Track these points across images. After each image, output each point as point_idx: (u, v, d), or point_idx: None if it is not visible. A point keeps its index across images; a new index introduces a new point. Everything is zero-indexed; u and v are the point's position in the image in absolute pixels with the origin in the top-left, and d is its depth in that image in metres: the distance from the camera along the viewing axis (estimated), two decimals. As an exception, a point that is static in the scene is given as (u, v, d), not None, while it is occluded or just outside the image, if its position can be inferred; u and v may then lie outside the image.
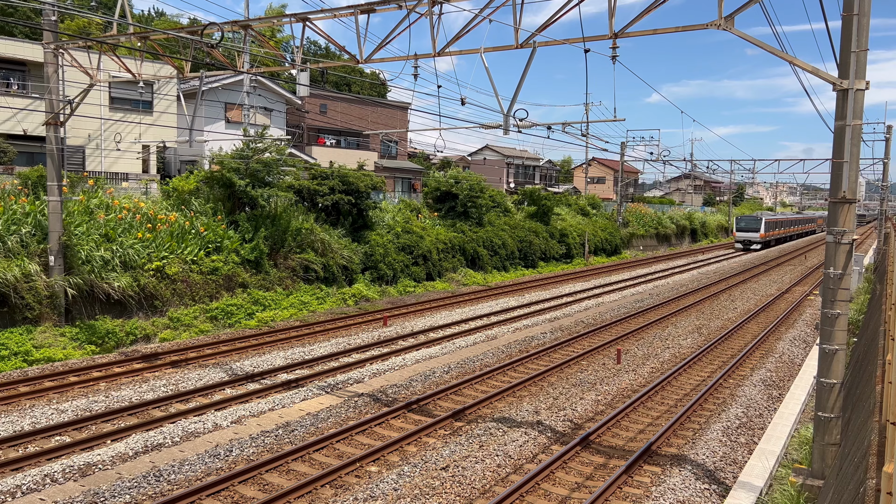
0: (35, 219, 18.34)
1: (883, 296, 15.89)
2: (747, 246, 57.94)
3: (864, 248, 62.19)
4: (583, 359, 18.30)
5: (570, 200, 51.90)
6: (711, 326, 23.50)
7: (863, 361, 12.23)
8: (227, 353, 17.81)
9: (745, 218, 60.36)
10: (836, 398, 9.44)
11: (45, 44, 17.04)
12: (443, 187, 35.68)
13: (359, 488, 9.97)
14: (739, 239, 58.31)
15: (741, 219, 60.32)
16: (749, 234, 57.35)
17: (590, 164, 65.14)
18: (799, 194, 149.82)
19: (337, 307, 24.33)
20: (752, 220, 59.16)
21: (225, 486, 9.86)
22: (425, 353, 18.02)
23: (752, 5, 9.88)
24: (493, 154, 71.50)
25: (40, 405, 13.34)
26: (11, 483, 9.56)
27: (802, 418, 13.28)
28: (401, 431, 12.40)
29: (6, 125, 27.43)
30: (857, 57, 9.07)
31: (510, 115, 13.62)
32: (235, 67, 15.91)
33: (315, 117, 45.68)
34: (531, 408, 14.00)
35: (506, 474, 10.73)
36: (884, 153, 40.44)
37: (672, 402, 14.83)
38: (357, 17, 13.32)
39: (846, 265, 9.37)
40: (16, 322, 16.70)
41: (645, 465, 11.18)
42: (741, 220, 59.73)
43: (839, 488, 7.15)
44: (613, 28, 11.26)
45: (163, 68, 30.83)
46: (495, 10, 12.31)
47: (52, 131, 17.55)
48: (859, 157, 9.38)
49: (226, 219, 23.47)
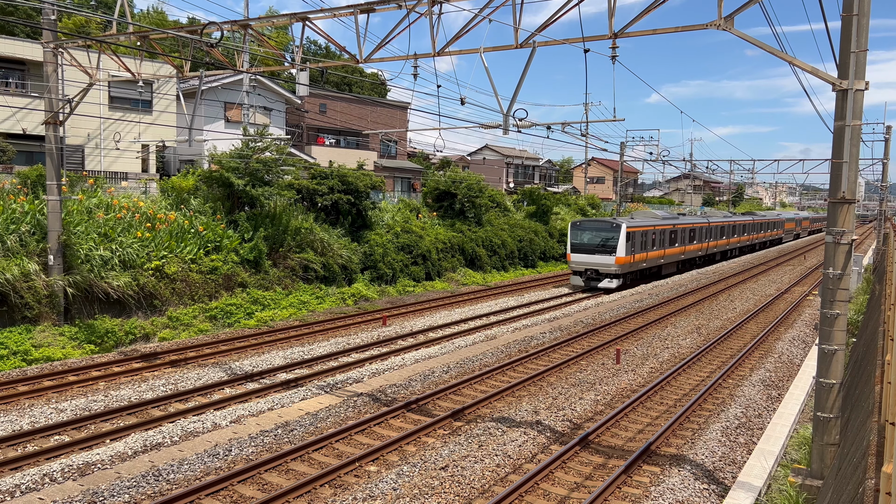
0: (34, 218, 18.33)
1: (882, 296, 15.90)
2: (592, 283, 30.93)
3: (864, 248, 62.22)
4: (582, 359, 18.30)
5: (570, 200, 51.94)
6: (711, 326, 23.51)
7: (862, 362, 12.23)
8: (226, 352, 17.80)
9: (589, 225, 31.64)
10: (836, 398, 9.44)
11: (45, 43, 17.02)
12: (442, 187, 35.68)
13: (358, 488, 9.97)
14: (578, 267, 31.25)
15: (581, 226, 31.64)
16: (596, 259, 30.52)
17: (589, 164, 65.16)
18: (798, 194, 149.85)
19: (336, 307, 24.32)
20: (602, 228, 30.87)
21: (224, 486, 9.86)
22: (424, 353, 18.01)
23: (751, 5, 9.88)
24: (493, 154, 71.53)
25: (39, 404, 13.33)
26: (10, 482, 9.55)
27: (801, 418, 13.28)
28: (400, 431, 12.40)
29: (5, 124, 27.41)
30: (857, 57, 9.07)
31: (510, 115, 13.61)
32: (235, 67, 15.90)
33: (315, 117, 45.66)
34: (530, 408, 14.00)
35: (505, 474, 10.73)
36: (883, 153, 40.45)
37: (671, 402, 14.83)
38: (357, 17, 13.31)
39: (845, 265, 9.37)
40: (15, 321, 16.69)
41: (644, 465, 11.19)
42: (581, 228, 31.45)
43: (838, 488, 7.15)
44: (613, 28, 11.26)
45: (162, 67, 30.80)
46: (495, 9, 12.31)
47: (52, 130, 17.54)
48: (859, 158, 9.39)
49: (225, 218, 23.46)
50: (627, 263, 30.85)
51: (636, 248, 31.52)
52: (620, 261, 30.21)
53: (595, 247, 30.63)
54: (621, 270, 30.50)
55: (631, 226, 30.98)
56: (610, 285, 30.54)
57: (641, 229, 32.15)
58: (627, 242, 30.36)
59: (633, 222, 31.72)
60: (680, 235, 38.01)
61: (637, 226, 31.77)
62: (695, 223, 40.65)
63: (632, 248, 30.97)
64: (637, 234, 31.63)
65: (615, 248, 30.08)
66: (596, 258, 30.53)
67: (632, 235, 30.92)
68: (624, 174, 52.84)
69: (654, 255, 34.25)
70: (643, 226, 32.49)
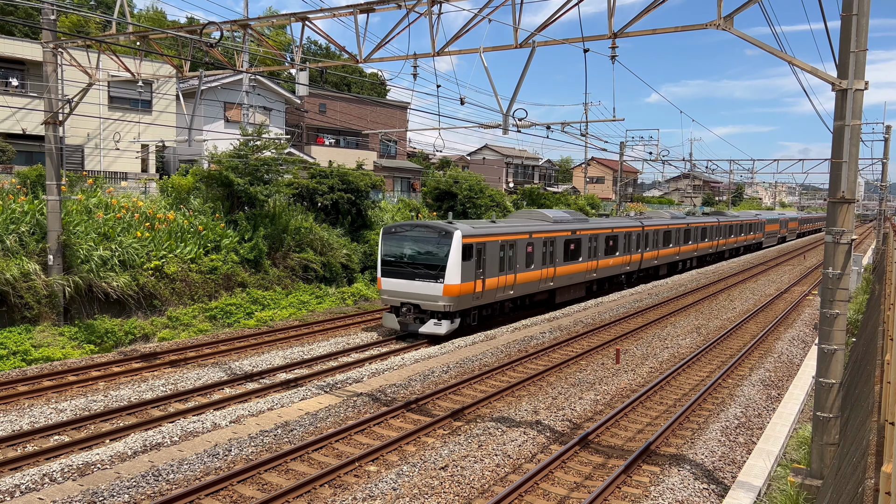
0: (34, 218, 18.32)
1: (882, 296, 15.90)
2: (412, 326, 20.04)
3: (863, 248, 62.25)
4: (581, 359, 18.31)
5: (570, 200, 51.91)
6: (710, 326, 23.51)
7: (861, 361, 12.23)
8: (225, 352, 17.80)
9: (409, 233, 20.54)
10: (835, 398, 9.44)
11: (45, 43, 17.02)
12: (443, 187, 35.70)
13: (357, 488, 9.97)
14: (391, 299, 20.44)
15: (397, 233, 20.76)
16: (416, 288, 19.86)
17: (589, 163, 65.17)
18: (798, 194, 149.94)
19: (336, 306, 24.32)
20: (425, 238, 20.19)
21: (224, 486, 9.86)
22: (424, 353, 18.01)
23: (751, 5, 9.88)
24: (493, 154, 71.54)
25: (39, 405, 13.33)
26: (10, 482, 9.54)
27: (801, 418, 13.29)
28: (400, 431, 12.40)
29: (5, 124, 27.40)
30: (857, 57, 9.07)
31: (509, 115, 13.62)
32: (234, 66, 15.90)
33: (314, 117, 45.65)
34: (530, 407, 14.00)
35: (504, 474, 10.73)
36: (882, 153, 40.46)
37: (671, 401, 14.84)
38: (356, 17, 13.32)
39: (845, 265, 9.38)
40: (14, 321, 16.69)
41: (644, 465, 11.19)
42: (398, 237, 20.70)
43: (838, 488, 7.16)
44: (613, 28, 11.26)
45: (162, 67, 30.80)
46: (495, 9, 12.32)
47: (51, 130, 17.53)
48: (858, 157, 9.39)
49: (224, 218, 23.46)
50: (465, 295, 19.62)
51: (485, 269, 20.46)
52: (452, 290, 19.14)
53: (415, 267, 19.79)
54: (454, 305, 19.31)
55: (472, 234, 19.85)
56: (437, 330, 19.28)
57: (493, 238, 20.79)
58: (465, 261, 19.40)
59: (480, 229, 20.56)
60: (586, 245, 27.03)
61: (487, 234, 20.53)
62: (616, 227, 30.09)
63: (476, 270, 19.98)
64: (488, 248, 20.51)
65: (443, 269, 19.16)
66: (416, 286, 19.59)
67: (473, 249, 19.76)
68: (624, 174, 52.85)
69: (528, 277, 22.91)
70: (498, 234, 21.17)
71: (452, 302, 19.33)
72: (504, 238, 21.56)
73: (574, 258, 26.29)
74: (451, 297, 19.27)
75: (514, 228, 22.46)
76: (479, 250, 20.16)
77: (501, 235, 21.46)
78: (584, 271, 27.32)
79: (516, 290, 22.54)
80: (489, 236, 20.78)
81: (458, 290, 19.34)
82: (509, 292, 22.14)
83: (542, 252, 23.92)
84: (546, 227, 24.55)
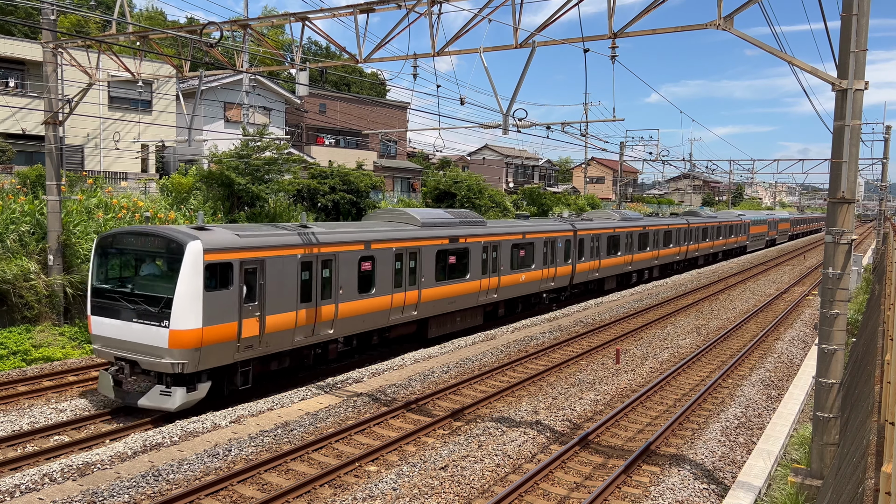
0: (34, 218, 18.32)
1: (882, 296, 15.90)
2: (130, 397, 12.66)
3: (863, 248, 62.25)
4: (582, 359, 18.31)
5: (570, 200, 51.91)
6: (710, 326, 23.51)
7: (861, 361, 12.23)
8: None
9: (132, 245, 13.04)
10: (835, 398, 9.44)
11: (44, 43, 17.02)
12: (442, 187, 35.71)
13: (357, 488, 9.97)
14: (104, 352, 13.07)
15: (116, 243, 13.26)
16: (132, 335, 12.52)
17: (589, 163, 65.19)
18: (798, 194, 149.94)
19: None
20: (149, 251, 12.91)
21: (224, 486, 9.86)
22: (424, 353, 18.00)
23: (751, 5, 9.89)
24: (493, 154, 71.52)
25: (39, 405, 13.33)
26: (10, 482, 9.54)
27: (801, 418, 13.29)
28: (400, 431, 12.40)
29: (5, 124, 27.39)
30: (856, 57, 9.07)
31: (509, 115, 13.62)
32: (234, 66, 15.91)
33: (314, 117, 45.65)
34: (530, 407, 14.00)
35: (504, 474, 10.73)
36: (882, 153, 40.46)
37: (671, 401, 14.84)
38: (356, 17, 13.32)
39: (845, 265, 9.38)
40: (15, 321, 16.69)
41: (644, 465, 11.19)
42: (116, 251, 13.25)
43: (838, 488, 7.15)
44: (613, 28, 11.26)
45: (162, 67, 30.79)
46: (494, 9, 12.32)
47: (51, 130, 17.53)
48: (858, 157, 9.39)
49: (225, 217, 23.44)
50: (217, 345, 12.71)
51: (265, 301, 13.61)
52: (185, 339, 12.26)
53: (133, 301, 12.83)
54: (192, 363, 12.42)
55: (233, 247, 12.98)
56: (165, 404, 12.44)
57: (279, 253, 13.89)
58: (215, 290, 12.64)
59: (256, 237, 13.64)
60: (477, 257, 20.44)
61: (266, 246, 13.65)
62: (531, 231, 23.42)
63: (241, 303, 13.13)
64: (270, 267, 13.68)
65: (168, 303, 12.27)
66: (134, 331, 12.70)
67: (233, 271, 12.95)
68: (624, 174, 52.86)
69: (364, 306, 16.22)
70: (292, 245, 14.22)
71: (187, 358, 12.24)
72: (306, 251, 14.47)
73: (457, 275, 19.64)
74: (185, 349, 12.17)
75: (332, 237, 15.31)
76: (248, 272, 13.22)
77: (300, 248, 14.33)
78: (475, 293, 20.52)
79: (339, 326, 15.47)
80: (272, 249, 13.68)
81: (197, 339, 12.26)
82: (326, 331, 15.15)
83: (396, 269, 17.13)
84: (404, 232, 17.67)
